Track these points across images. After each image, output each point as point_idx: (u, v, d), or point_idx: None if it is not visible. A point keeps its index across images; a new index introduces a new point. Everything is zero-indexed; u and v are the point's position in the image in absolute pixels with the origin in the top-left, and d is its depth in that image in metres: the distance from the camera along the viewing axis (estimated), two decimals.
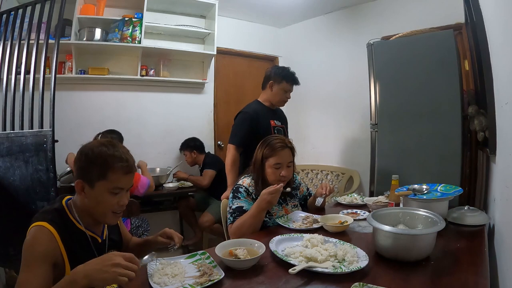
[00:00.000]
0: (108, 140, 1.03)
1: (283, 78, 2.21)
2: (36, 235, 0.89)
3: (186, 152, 3.20)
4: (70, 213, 0.99)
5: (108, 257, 0.83)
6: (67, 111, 2.71)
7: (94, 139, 2.53)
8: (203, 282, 0.92)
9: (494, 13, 1.26)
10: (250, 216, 1.44)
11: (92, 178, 0.95)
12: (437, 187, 1.52)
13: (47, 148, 1.96)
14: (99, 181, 0.95)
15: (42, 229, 0.90)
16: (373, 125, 2.30)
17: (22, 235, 0.91)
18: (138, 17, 2.95)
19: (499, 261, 1.16)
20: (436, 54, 2.03)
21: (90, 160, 0.95)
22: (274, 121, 2.26)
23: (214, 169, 3.01)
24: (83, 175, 0.96)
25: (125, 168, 0.97)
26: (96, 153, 0.96)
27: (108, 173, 0.95)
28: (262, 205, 1.41)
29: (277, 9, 3.54)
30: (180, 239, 1.14)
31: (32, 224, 0.91)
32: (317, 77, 3.76)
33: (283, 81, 2.21)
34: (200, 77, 3.50)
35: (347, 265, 1.01)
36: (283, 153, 1.56)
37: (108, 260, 0.81)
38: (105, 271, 0.79)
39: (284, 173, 1.55)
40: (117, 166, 0.95)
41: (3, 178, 2.06)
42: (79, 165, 0.97)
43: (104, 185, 0.95)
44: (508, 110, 1.07)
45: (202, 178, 3.02)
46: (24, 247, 0.88)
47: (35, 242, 0.88)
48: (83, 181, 0.96)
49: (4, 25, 2.25)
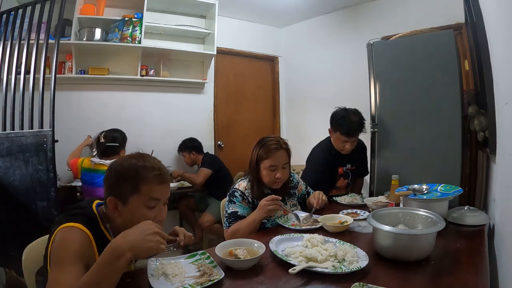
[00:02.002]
0: (137, 153, 0.98)
1: (336, 127, 2.01)
2: (70, 234, 0.85)
3: (185, 154, 3.18)
4: (102, 222, 0.95)
5: (146, 226, 0.81)
6: (67, 111, 2.70)
7: (97, 138, 2.54)
8: (203, 282, 0.92)
9: (494, 13, 1.26)
10: (245, 224, 1.45)
11: (124, 193, 0.91)
12: (437, 187, 1.51)
13: (47, 148, 1.96)
14: (132, 195, 0.90)
15: (76, 230, 0.85)
16: (373, 125, 2.30)
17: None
18: (138, 17, 2.95)
19: (499, 261, 1.16)
20: (436, 54, 2.03)
21: (120, 174, 0.91)
22: (342, 168, 2.10)
23: (210, 168, 3.00)
24: (114, 192, 0.92)
25: (159, 177, 0.92)
26: (126, 166, 0.92)
27: (140, 185, 0.90)
28: (261, 215, 1.42)
29: (277, 9, 3.54)
30: (187, 237, 1.09)
31: (61, 226, 0.86)
32: (317, 77, 3.77)
33: (337, 132, 2.01)
34: (200, 77, 3.50)
35: (347, 265, 1.00)
36: (278, 154, 1.53)
37: (148, 229, 0.80)
38: (150, 240, 0.78)
39: (279, 175, 1.54)
40: (150, 176, 0.91)
41: (3, 178, 2.06)
42: (109, 183, 0.93)
43: (138, 200, 0.91)
44: (508, 110, 1.07)
45: (196, 176, 3.00)
46: (56, 246, 0.84)
47: (70, 241, 0.84)
48: (115, 198, 0.91)
49: (4, 25, 2.25)
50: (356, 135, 2.01)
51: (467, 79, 2.27)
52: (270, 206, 1.40)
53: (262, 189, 1.58)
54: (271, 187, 1.59)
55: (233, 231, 1.46)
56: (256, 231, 1.46)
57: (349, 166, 2.14)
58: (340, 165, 2.10)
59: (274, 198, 1.43)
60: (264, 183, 1.57)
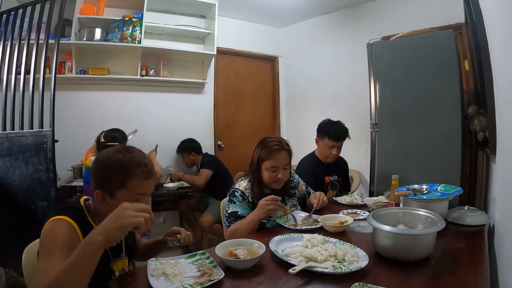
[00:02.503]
0: (123, 145, 1.00)
1: (324, 134, 2.16)
2: (57, 226, 0.87)
3: (184, 155, 3.17)
4: (89, 214, 0.97)
5: (118, 209, 0.81)
6: (67, 111, 2.71)
7: (97, 138, 2.54)
8: (203, 282, 0.92)
9: (494, 13, 1.26)
10: (245, 224, 1.45)
11: (111, 187, 0.92)
12: (437, 187, 1.51)
13: (47, 148, 1.96)
14: (120, 189, 0.92)
15: (62, 221, 0.88)
16: (373, 125, 2.30)
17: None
18: (138, 17, 2.95)
19: (499, 261, 1.16)
20: (436, 54, 2.03)
21: (107, 169, 0.93)
22: (329, 177, 2.20)
23: (210, 169, 3.00)
24: (102, 186, 0.93)
25: (145, 173, 0.95)
26: (113, 161, 0.93)
27: (128, 180, 0.92)
28: (260, 215, 1.42)
29: (277, 9, 3.54)
30: (187, 235, 1.12)
31: (50, 219, 0.89)
32: (317, 77, 3.77)
33: (325, 138, 2.15)
34: (200, 77, 3.50)
35: (347, 265, 1.01)
36: (279, 155, 1.54)
37: (119, 210, 0.80)
38: (119, 217, 0.78)
39: (281, 175, 1.54)
40: (136, 172, 0.93)
41: (3, 178, 2.06)
42: (97, 176, 0.95)
43: (125, 194, 0.93)
44: (508, 110, 1.07)
45: (197, 177, 2.99)
46: (43, 236, 0.86)
47: (56, 232, 0.86)
48: (102, 192, 0.93)
49: (4, 25, 2.25)
50: (342, 139, 2.17)
51: (467, 79, 2.27)
52: (269, 206, 1.41)
53: (262, 189, 1.58)
54: (271, 187, 1.59)
55: (233, 230, 1.46)
56: (256, 231, 1.46)
57: (336, 177, 2.23)
58: (326, 174, 2.20)
59: (273, 198, 1.43)
60: (265, 183, 1.57)
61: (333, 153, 2.15)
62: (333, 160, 2.21)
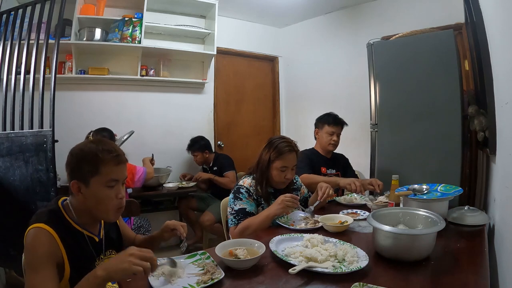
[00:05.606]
0: (97, 138, 1.06)
1: (323, 122, 2.24)
2: (36, 237, 0.89)
3: (197, 153, 3.11)
4: (66, 214, 0.99)
5: (125, 250, 0.86)
6: (67, 111, 2.70)
7: (86, 137, 2.53)
8: (206, 280, 0.93)
9: (494, 13, 1.26)
10: (258, 221, 1.45)
11: (85, 175, 0.96)
12: (437, 187, 1.51)
13: (47, 148, 1.96)
14: (93, 177, 0.95)
15: (40, 230, 0.90)
16: (373, 125, 2.30)
17: (22, 235, 0.91)
18: (138, 17, 2.95)
19: (499, 261, 1.16)
20: (436, 54, 2.03)
21: (80, 158, 0.96)
22: (325, 169, 2.23)
23: (234, 170, 3.05)
24: (76, 175, 0.96)
25: (115, 159, 0.98)
26: (86, 150, 0.97)
27: (100, 166, 0.95)
28: (277, 211, 1.43)
29: (277, 9, 3.53)
30: (184, 226, 1.16)
31: (29, 227, 0.91)
32: (317, 77, 3.76)
33: (325, 125, 2.23)
34: (200, 77, 3.50)
35: (347, 265, 1.01)
36: (290, 156, 1.57)
37: (124, 252, 0.85)
38: (122, 261, 0.83)
39: (289, 175, 1.58)
40: (108, 158, 0.96)
41: (3, 178, 2.06)
42: (71, 167, 0.98)
43: (99, 180, 0.96)
44: (508, 110, 1.07)
45: (229, 180, 2.98)
46: (26, 250, 0.89)
47: (36, 244, 0.88)
48: (78, 181, 0.96)
49: (4, 25, 2.25)
50: (341, 125, 2.23)
51: (467, 79, 2.27)
52: (288, 203, 1.42)
53: (267, 188, 1.60)
54: (277, 187, 1.62)
55: (244, 227, 1.45)
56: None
57: (333, 171, 2.23)
58: (323, 165, 2.21)
59: (293, 197, 1.44)
60: (272, 182, 1.59)
61: (333, 139, 2.19)
62: (334, 149, 2.25)
